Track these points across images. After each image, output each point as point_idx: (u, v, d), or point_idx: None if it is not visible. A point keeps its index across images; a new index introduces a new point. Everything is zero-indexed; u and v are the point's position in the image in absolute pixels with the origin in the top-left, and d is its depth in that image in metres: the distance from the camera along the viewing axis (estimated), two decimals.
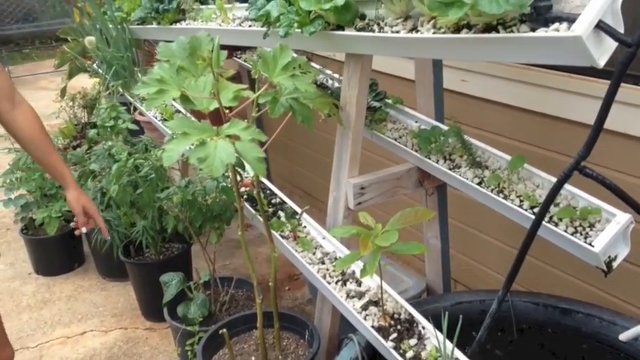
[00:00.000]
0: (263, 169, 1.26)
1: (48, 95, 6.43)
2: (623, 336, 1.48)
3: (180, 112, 2.96)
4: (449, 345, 1.42)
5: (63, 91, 4.53)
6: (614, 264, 1.36)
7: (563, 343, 1.72)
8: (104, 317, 2.69)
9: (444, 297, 1.89)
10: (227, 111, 1.45)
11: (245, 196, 2.14)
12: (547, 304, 1.75)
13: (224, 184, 2.00)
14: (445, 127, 1.81)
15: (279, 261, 2.00)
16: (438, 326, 1.51)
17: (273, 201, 2.16)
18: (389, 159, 2.44)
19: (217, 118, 1.45)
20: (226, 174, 2.05)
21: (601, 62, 1.02)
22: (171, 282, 2.27)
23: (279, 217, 2.05)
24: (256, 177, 1.76)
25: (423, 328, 1.53)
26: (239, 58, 3.19)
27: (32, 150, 1.79)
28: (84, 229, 1.89)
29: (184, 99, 1.42)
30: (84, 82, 4.55)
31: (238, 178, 2.17)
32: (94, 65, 4.12)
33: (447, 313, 1.42)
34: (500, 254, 2.35)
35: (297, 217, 2.02)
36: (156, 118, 2.97)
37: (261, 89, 1.50)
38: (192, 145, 1.25)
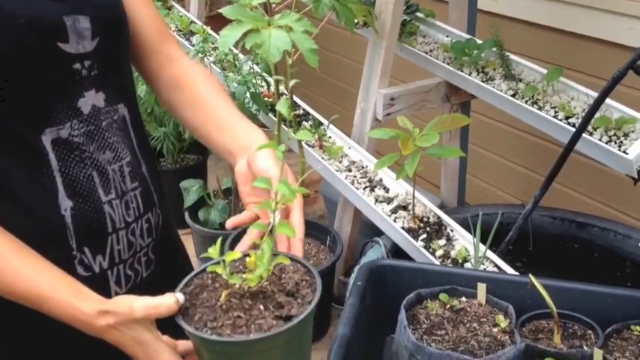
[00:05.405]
0: (316, 60, 1.28)
1: None
2: None
3: (194, 22, 2.92)
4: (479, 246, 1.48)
5: None
6: None
7: (577, 256, 1.80)
8: None
9: (464, 209, 1.96)
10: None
11: (268, 106, 2.16)
12: (564, 218, 1.83)
13: (253, 90, 2.01)
14: (480, 41, 1.82)
15: None
16: None
17: (296, 112, 2.18)
18: (400, 79, 2.45)
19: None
20: (255, 81, 2.06)
21: None
22: (191, 188, 2.31)
23: (303, 127, 2.07)
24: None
25: (452, 230, 1.59)
26: None
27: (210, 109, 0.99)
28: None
29: None
30: None
31: (264, 88, 2.19)
32: None
33: (479, 218, 1.48)
34: (510, 174, 2.42)
35: (323, 127, 2.05)
36: (171, 29, 2.94)
37: None
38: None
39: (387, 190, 1.76)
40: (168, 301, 0.72)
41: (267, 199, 0.78)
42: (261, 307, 0.71)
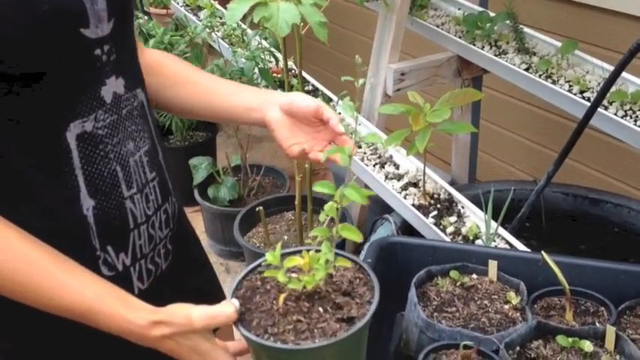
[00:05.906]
0: (325, 34, 1.25)
1: None
2: None
3: None
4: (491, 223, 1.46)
5: None
6: None
7: (590, 232, 1.78)
8: None
9: (475, 186, 1.94)
10: None
11: (276, 82, 2.14)
12: (577, 194, 1.80)
13: (261, 65, 1.98)
14: (492, 14, 1.78)
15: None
16: None
17: (305, 88, 2.16)
18: (410, 54, 2.41)
19: None
20: (263, 56, 2.03)
21: None
22: (200, 165, 2.31)
23: None
24: (299, 58, 1.75)
25: (463, 207, 1.57)
26: None
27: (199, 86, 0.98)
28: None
29: None
30: None
31: (273, 64, 2.16)
32: None
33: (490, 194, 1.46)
34: (522, 150, 2.38)
35: (332, 103, 2.02)
36: (178, 4, 2.91)
37: None
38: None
39: (397, 166, 1.75)
40: (227, 311, 0.70)
41: (330, 204, 0.77)
42: (320, 309, 0.68)
